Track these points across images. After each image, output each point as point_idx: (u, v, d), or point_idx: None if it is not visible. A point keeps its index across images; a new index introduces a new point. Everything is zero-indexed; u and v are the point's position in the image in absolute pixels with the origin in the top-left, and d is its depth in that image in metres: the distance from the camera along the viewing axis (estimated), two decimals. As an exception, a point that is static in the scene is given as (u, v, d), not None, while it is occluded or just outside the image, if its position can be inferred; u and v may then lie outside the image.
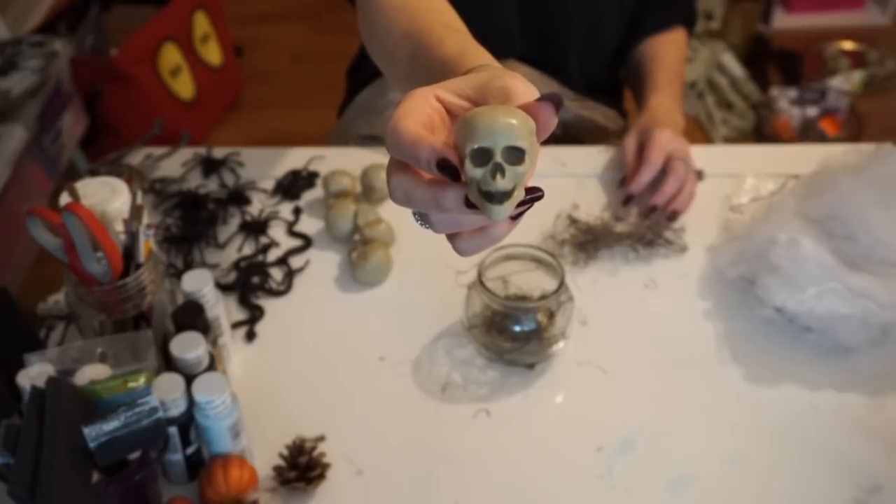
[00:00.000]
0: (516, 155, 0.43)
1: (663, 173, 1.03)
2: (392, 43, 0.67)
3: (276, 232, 1.06)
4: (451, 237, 0.48)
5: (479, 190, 0.43)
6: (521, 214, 0.46)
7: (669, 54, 1.20)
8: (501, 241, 0.47)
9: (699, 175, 1.08)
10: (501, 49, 1.13)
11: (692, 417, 0.85)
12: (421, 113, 0.46)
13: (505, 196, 0.43)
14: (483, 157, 0.43)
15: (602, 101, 1.21)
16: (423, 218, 0.48)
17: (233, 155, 1.15)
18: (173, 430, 0.75)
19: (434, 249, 1.01)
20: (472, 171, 0.43)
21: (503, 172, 0.43)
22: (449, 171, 0.43)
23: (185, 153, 1.16)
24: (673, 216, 1.02)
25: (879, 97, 2.55)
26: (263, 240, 1.04)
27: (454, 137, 0.44)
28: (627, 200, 1.05)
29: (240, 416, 0.77)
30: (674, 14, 1.23)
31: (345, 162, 1.10)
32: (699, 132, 2.45)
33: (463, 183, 0.44)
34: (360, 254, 0.98)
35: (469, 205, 0.44)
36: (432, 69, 0.58)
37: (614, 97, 1.29)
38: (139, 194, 0.79)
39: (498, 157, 0.42)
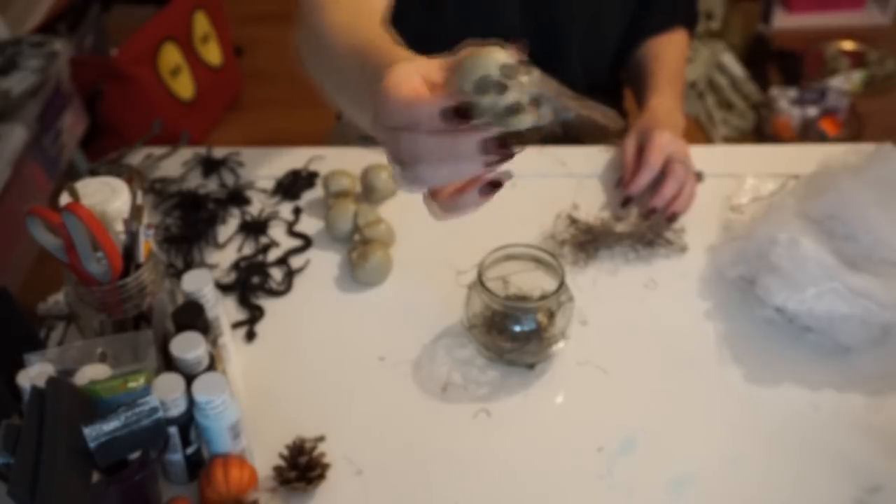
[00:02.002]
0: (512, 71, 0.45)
1: (663, 175, 1.03)
2: (337, 57, 0.69)
3: (276, 232, 1.06)
4: (428, 201, 0.50)
5: (494, 114, 0.45)
6: (492, 192, 0.49)
7: (670, 55, 1.20)
8: (471, 213, 0.50)
9: (698, 177, 1.08)
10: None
11: (692, 417, 0.85)
12: (414, 80, 0.48)
13: (518, 107, 0.45)
14: (487, 84, 0.44)
15: (602, 101, 1.20)
16: (404, 174, 0.49)
17: (233, 155, 1.15)
18: (173, 430, 0.75)
19: (434, 249, 1.02)
20: (482, 101, 0.45)
21: (507, 84, 0.45)
22: (460, 113, 0.45)
23: (185, 153, 1.16)
24: (672, 217, 1.02)
25: (879, 97, 2.55)
26: (263, 240, 1.04)
27: (450, 88, 0.46)
28: (626, 202, 1.05)
29: (240, 416, 0.77)
30: (675, 15, 1.23)
31: (345, 162, 1.10)
32: (699, 132, 2.45)
33: (474, 128, 0.46)
34: (360, 254, 0.98)
35: (484, 148, 0.46)
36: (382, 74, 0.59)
37: (614, 97, 1.29)
38: (139, 194, 0.79)
39: (498, 75, 0.45)
